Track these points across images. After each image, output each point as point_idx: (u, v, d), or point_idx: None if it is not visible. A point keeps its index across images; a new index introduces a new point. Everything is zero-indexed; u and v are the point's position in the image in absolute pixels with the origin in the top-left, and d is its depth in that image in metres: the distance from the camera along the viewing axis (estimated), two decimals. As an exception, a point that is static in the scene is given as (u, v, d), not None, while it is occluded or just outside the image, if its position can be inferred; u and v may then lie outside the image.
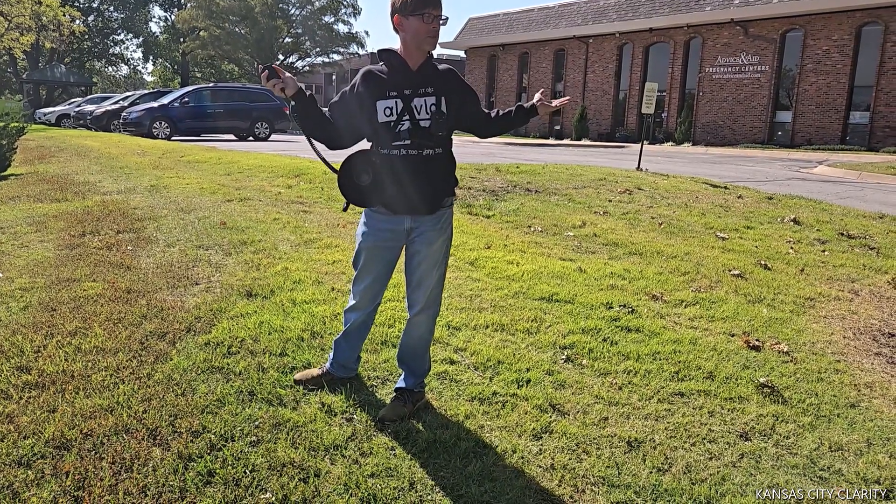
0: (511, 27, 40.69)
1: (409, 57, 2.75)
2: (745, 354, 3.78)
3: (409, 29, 2.68)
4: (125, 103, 26.01)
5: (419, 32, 2.68)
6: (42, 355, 3.33)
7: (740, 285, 5.05)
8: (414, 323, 2.98)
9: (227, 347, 3.47)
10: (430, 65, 2.79)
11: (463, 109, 2.87)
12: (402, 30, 2.71)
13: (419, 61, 2.76)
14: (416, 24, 2.66)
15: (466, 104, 2.89)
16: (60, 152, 14.04)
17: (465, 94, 2.88)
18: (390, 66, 2.77)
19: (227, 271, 4.69)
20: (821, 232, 7.09)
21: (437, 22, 2.69)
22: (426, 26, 2.67)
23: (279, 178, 8.72)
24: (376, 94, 2.74)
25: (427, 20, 2.66)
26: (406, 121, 2.72)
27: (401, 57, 2.76)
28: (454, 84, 2.84)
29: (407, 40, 2.72)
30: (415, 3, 2.64)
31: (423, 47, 2.73)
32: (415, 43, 2.71)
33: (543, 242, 6.02)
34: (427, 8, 2.65)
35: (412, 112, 2.72)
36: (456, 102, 2.81)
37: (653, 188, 9.03)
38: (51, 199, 7.54)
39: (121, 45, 65.72)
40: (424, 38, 2.70)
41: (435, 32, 2.70)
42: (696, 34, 31.08)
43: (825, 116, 27.12)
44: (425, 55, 2.77)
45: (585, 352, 3.68)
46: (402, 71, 2.75)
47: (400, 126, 2.72)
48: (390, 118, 2.72)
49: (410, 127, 2.71)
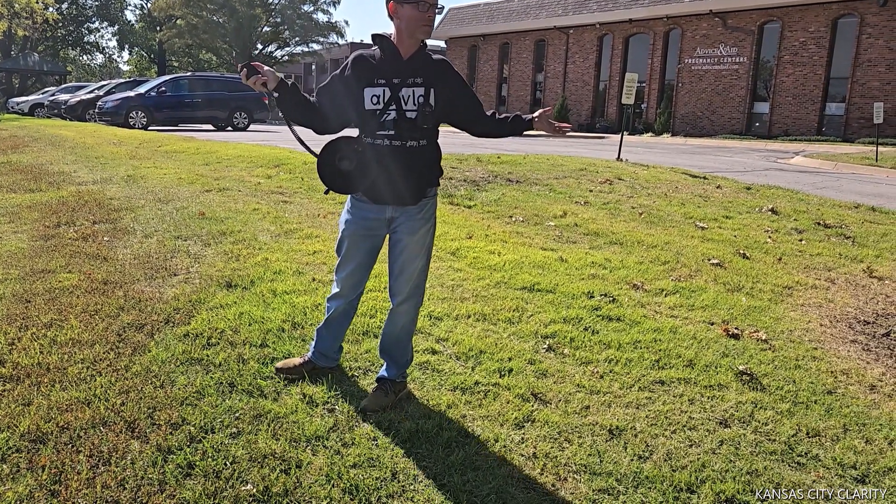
0: (492, 17, 40.58)
1: (402, 45, 2.72)
2: (724, 343, 3.81)
3: (404, 16, 2.66)
4: (101, 92, 25.61)
5: (413, 20, 2.65)
6: (16, 348, 3.27)
7: (719, 274, 5.09)
8: (396, 313, 2.96)
9: (206, 339, 3.43)
10: (422, 55, 2.75)
11: (453, 104, 2.81)
12: (396, 17, 2.68)
13: (411, 50, 2.73)
14: (410, 11, 2.64)
15: (458, 98, 2.82)
16: (34, 142, 13.80)
17: (457, 88, 2.81)
18: (382, 52, 2.74)
19: (207, 262, 4.64)
20: (798, 222, 7.16)
21: (432, 10, 2.66)
22: (421, 14, 2.64)
23: (259, 168, 8.64)
24: (364, 81, 2.71)
25: (422, 8, 2.63)
26: (392, 111, 2.69)
27: (393, 44, 2.73)
28: (446, 76, 2.78)
29: (401, 28, 2.69)
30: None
31: (416, 35, 2.70)
32: (408, 31, 2.68)
33: (525, 232, 6.02)
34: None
35: (399, 102, 2.69)
36: (445, 95, 2.76)
37: (633, 178, 9.07)
38: (24, 190, 7.41)
39: (95, 34, 64.74)
40: (419, 25, 2.67)
41: (430, 21, 2.67)
42: (675, 25, 31.22)
43: (802, 108, 27.40)
44: (418, 44, 2.74)
45: (567, 341, 3.69)
46: (393, 58, 2.72)
47: (386, 116, 2.69)
48: (377, 106, 2.69)
49: (396, 117, 2.69)
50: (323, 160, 2.75)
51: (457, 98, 2.82)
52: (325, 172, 2.76)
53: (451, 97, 2.79)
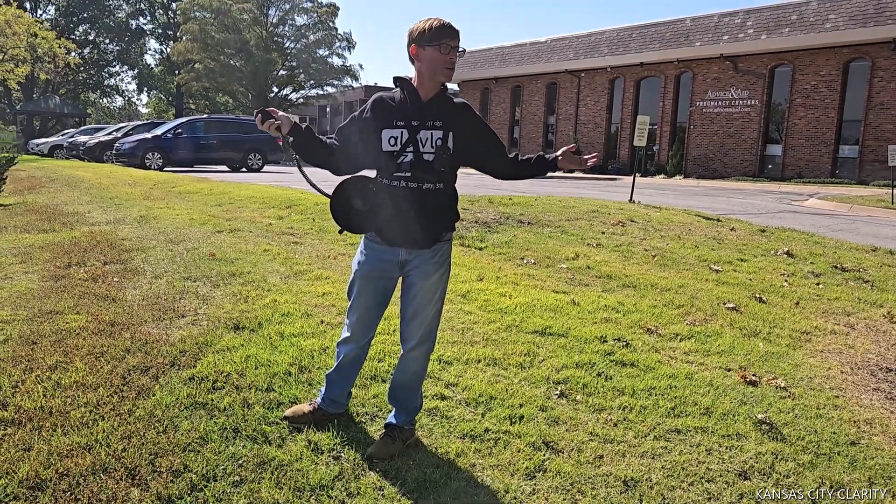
0: (504, 61, 41.13)
1: (422, 87, 2.72)
2: (742, 390, 3.70)
3: (425, 59, 2.66)
4: (118, 134, 26.03)
5: (435, 63, 2.66)
6: (20, 390, 3.23)
7: (735, 319, 4.99)
8: (407, 358, 2.90)
9: (211, 382, 3.37)
10: (442, 97, 2.74)
11: (474, 147, 2.78)
12: (417, 60, 2.69)
13: (432, 93, 2.72)
14: (432, 54, 2.64)
15: (478, 141, 2.79)
16: (51, 182, 13.97)
17: (478, 131, 2.79)
18: (402, 94, 2.74)
19: (215, 303, 4.60)
20: (814, 265, 7.06)
21: (453, 53, 2.67)
22: (443, 56, 2.65)
23: (270, 208, 8.66)
24: (383, 122, 2.70)
25: (444, 50, 2.64)
26: (409, 152, 2.67)
27: (413, 87, 2.72)
28: (466, 120, 2.76)
29: (422, 70, 2.69)
30: (433, 34, 2.63)
31: (437, 78, 2.70)
32: (430, 73, 2.68)
33: (536, 275, 5.96)
34: (444, 38, 2.63)
35: (417, 144, 2.67)
36: (464, 139, 2.74)
37: (645, 220, 9.02)
38: (38, 230, 7.45)
39: (116, 77, 66.14)
40: (440, 68, 2.67)
41: (451, 63, 2.68)
42: (686, 69, 31.48)
43: (815, 150, 27.39)
44: (439, 87, 2.73)
45: (579, 387, 3.60)
46: (412, 101, 2.71)
47: (403, 157, 2.67)
48: (394, 148, 2.68)
49: (413, 159, 2.67)
50: (336, 199, 2.72)
51: (478, 141, 2.79)
52: (338, 211, 2.73)
53: (470, 140, 2.76)
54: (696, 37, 31.27)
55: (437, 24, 2.64)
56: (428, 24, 2.65)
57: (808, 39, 26.76)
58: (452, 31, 2.66)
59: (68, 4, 59.14)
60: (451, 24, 2.66)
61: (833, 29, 26.36)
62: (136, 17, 63.70)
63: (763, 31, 28.71)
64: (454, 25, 2.67)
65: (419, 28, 2.66)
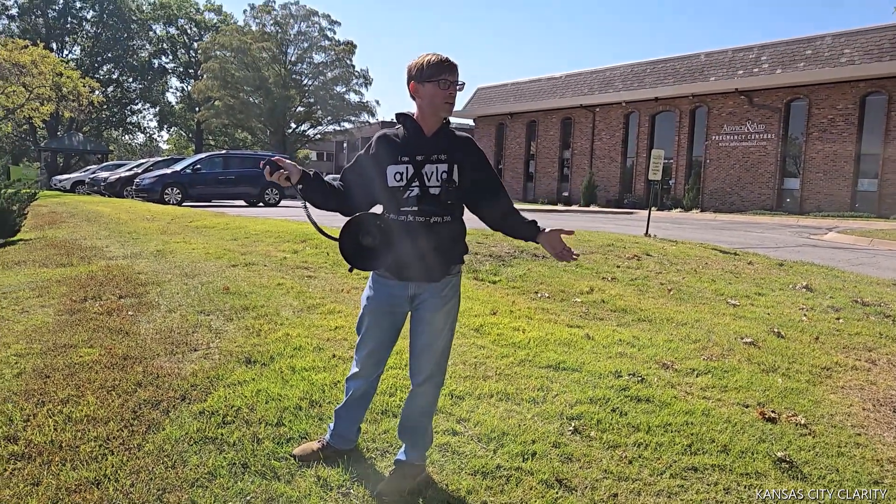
0: (519, 96, 41.51)
1: (425, 123, 2.73)
2: (760, 427, 3.62)
3: (426, 95, 2.67)
4: (139, 170, 26.43)
5: (435, 98, 2.67)
6: (31, 424, 3.22)
7: (753, 354, 4.91)
8: (417, 393, 2.87)
9: (221, 417, 3.35)
10: (445, 132, 2.76)
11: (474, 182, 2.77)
12: (417, 96, 2.70)
13: (434, 127, 2.74)
14: (432, 90, 2.66)
15: (477, 176, 2.77)
16: (71, 218, 14.16)
17: (479, 166, 2.78)
18: (405, 130, 2.75)
19: (227, 337, 4.60)
20: (834, 299, 6.96)
21: (453, 87, 2.68)
22: (442, 92, 2.66)
23: (285, 242, 8.71)
24: (388, 159, 2.71)
25: (443, 86, 2.65)
26: (415, 187, 2.67)
27: (416, 122, 2.74)
28: (469, 153, 2.77)
29: (423, 106, 2.71)
30: (431, 70, 2.64)
31: (438, 113, 2.71)
32: (431, 109, 2.69)
33: (550, 308, 5.92)
34: (443, 74, 2.65)
35: (422, 178, 2.67)
36: (468, 172, 2.74)
37: (661, 254, 8.96)
38: (56, 264, 7.53)
39: (138, 115, 67.49)
40: (441, 104, 2.68)
41: (451, 98, 2.69)
42: (701, 103, 31.59)
43: (833, 183, 27.23)
44: (441, 121, 2.75)
45: (594, 423, 3.54)
46: (415, 136, 2.72)
47: (409, 192, 2.67)
48: (399, 183, 2.68)
49: (419, 193, 2.67)
50: (345, 237, 2.72)
51: (476, 176, 2.78)
52: (347, 249, 2.72)
53: (472, 173, 2.76)
54: (711, 72, 31.43)
55: (435, 60, 2.65)
56: (426, 60, 2.66)
57: (824, 74, 26.81)
58: (450, 65, 2.67)
59: (93, 45, 60.71)
60: (448, 59, 2.67)
61: (848, 63, 26.40)
62: (159, 57, 65.25)
63: (778, 66, 28.82)
64: (452, 60, 2.68)
65: (417, 64, 2.67)
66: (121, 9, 60.38)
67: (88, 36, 61.32)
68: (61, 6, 59.32)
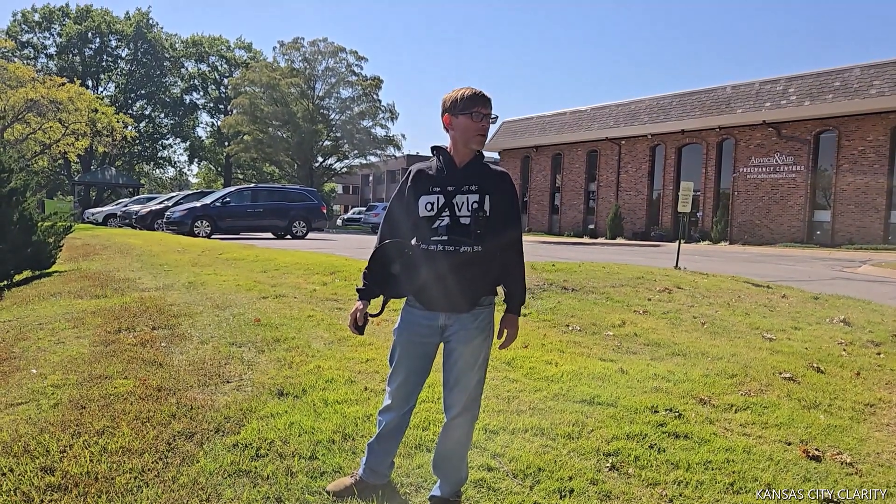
0: (544, 129, 41.67)
1: (457, 154, 2.77)
2: (804, 465, 3.52)
3: (459, 127, 2.72)
4: (169, 203, 26.87)
5: (468, 130, 2.71)
6: (67, 455, 3.24)
7: (793, 389, 4.79)
8: (451, 427, 2.83)
9: (255, 449, 3.34)
10: (478, 163, 2.78)
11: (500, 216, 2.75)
12: (451, 129, 2.75)
13: (466, 159, 2.77)
14: (465, 122, 2.70)
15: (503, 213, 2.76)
16: (104, 250, 14.40)
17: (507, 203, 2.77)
18: (438, 162, 2.79)
19: (259, 369, 4.60)
20: (874, 333, 6.79)
21: (486, 120, 2.72)
22: (475, 124, 2.70)
23: (315, 275, 8.75)
24: (421, 190, 2.75)
25: (476, 118, 2.70)
26: (446, 216, 2.69)
27: (449, 154, 2.77)
28: (502, 187, 2.77)
29: (456, 138, 2.76)
30: (464, 103, 2.69)
31: (470, 145, 2.74)
32: (463, 140, 2.73)
33: (582, 342, 5.85)
34: (476, 107, 2.69)
35: (453, 208, 2.69)
36: (500, 204, 2.74)
37: (693, 287, 8.84)
38: (91, 296, 7.64)
39: (169, 149, 68.91)
40: (473, 135, 2.73)
41: (483, 130, 2.73)
42: (728, 135, 31.44)
43: (865, 216, 26.80)
44: (473, 153, 2.78)
45: (631, 459, 3.47)
46: (448, 167, 2.76)
47: (439, 221, 2.69)
48: (430, 213, 2.70)
49: (450, 223, 2.68)
50: (373, 264, 2.76)
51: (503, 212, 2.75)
52: (375, 276, 2.76)
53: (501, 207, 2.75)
54: (738, 104, 31.31)
55: (469, 94, 2.71)
56: (460, 93, 2.72)
57: (853, 105, 26.57)
58: (484, 99, 2.71)
59: (127, 81, 62.36)
60: (482, 93, 2.72)
61: (878, 95, 26.15)
62: (190, 93, 66.82)
63: (806, 98, 28.64)
64: (485, 94, 2.73)
65: (452, 97, 2.73)
66: (154, 47, 62.12)
67: (123, 73, 63.05)
68: (97, 45, 61.18)
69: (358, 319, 2.80)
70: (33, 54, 59.81)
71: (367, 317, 2.82)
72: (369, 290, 2.81)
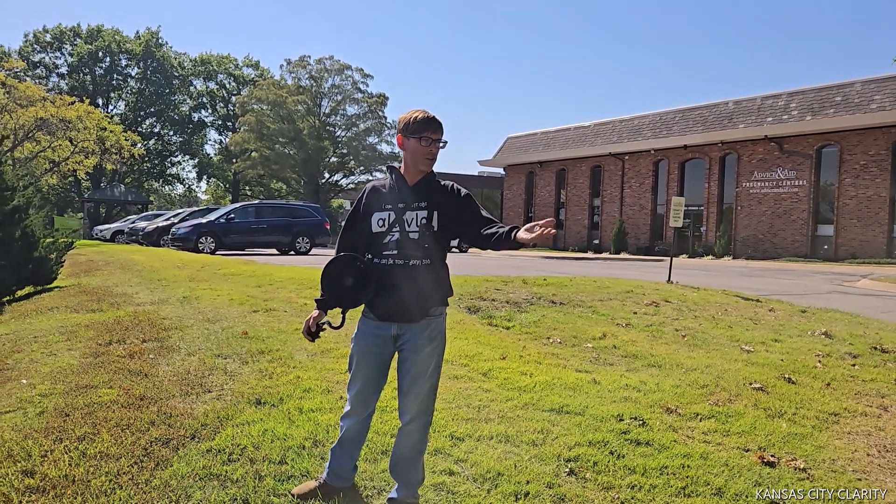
0: (548, 145, 41.91)
1: (408, 173, 2.93)
2: (758, 470, 3.63)
3: (409, 149, 2.88)
4: (175, 220, 27.17)
5: (417, 153, 2.86)
6: (48, 459, 3.39)
7: (760, 399, 4.90)
8: (405, 432, 2.97)
9: (227, 455, 3.48)
10: (428, 181, 2.93)
11: (456, 220, 2.92)
12: (403, 149, 2.91)
13: (417, 178, 2.92)
14: (415, 145, 2.85)
15: (458, 214, 2.91)
16: (106, 266, 14.63)
17: (460, 205, 2.92)
18: (391, 180, 2.94)
19: (241, 380, 4.76)
20: (853, 346, 6.89)
21: (434, 145, 2.86)
22: (424, 148, 2.85)
23: (307, 289, 8.91)
24: (374, 207, 2.91)
25: (424, 143, 2.84)
26: (396, 231, 2.85)
27: (401, 173, 2.93)
28: (450, 198, 2.92)
29: (407, 159, 2.92)
30: (415, 126, 2.83)
31: (419, 167, 2.90)
32: (413, 162, 2.89)
33: (561, 354, 5.98)
34: (426, 132, 2.84)
35: (403, 224, 2.85)
36: (447, 216, 2.89)
37: (681, 301, 8.96)
38: (87, 310, 7.83)
39: (177, 166, 69.57)
40: (421, 158, 2.87)
41: (432, 154, 2.87)
42: (730, 150, 31.55)
43: (868, 230, 26.81)
44: (422, 173, 2.93)
45: (590, 465, 3.59)
46: (399, 186, 2.92)
47: (390, 237, 2.85)
48: (382, 229, 2.87)
49: (399, 237, 2.84)
50: (326, 278, 2.92)
51: (458, 214, 2.91)
52: (329, 288, 2.93)
53: (453, 215, 2.90)
54: (740, 119, 31.47)
55: (421, 118, 2.84)
56: (412, 116, 2.85)
57: (855, 120, 26.67)
58: (434, 123, 2.85)
59: (137, 100, 63.13)
60: (433, 118, 2.86)
61: (879, 109, 26.26)
62: (199, 110, 67.55)
63: (808, 113, 28.77)
64: (437, 118, 2.86)
65: (405, 119, 2.88)
66: (163, 66, 62.91)
67: (132, 91, 63.86)
68: (108, 64, 62.04)
69: (311, 326, 2.97)
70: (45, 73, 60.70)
71: (321, 325, 2.99)
72: (325, 301, 2.98)
